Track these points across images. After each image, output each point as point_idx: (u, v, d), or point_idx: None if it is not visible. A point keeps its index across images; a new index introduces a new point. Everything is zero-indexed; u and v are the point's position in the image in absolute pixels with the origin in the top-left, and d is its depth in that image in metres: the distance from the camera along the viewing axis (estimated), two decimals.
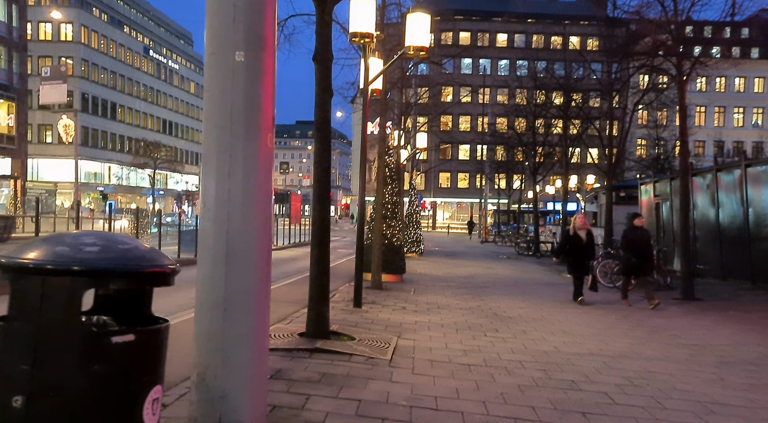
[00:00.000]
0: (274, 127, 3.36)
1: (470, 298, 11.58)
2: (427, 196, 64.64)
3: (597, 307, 10.91)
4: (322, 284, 6.13)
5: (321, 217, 6.18)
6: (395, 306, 9.68)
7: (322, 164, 6.15)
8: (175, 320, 6.16)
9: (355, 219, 19.45)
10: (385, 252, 13.71)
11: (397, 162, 20.48)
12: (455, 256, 25.08)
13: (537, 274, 18.40)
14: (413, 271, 17.19)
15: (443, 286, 13.48)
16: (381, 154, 11.97)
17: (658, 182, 19.38)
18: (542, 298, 11.99)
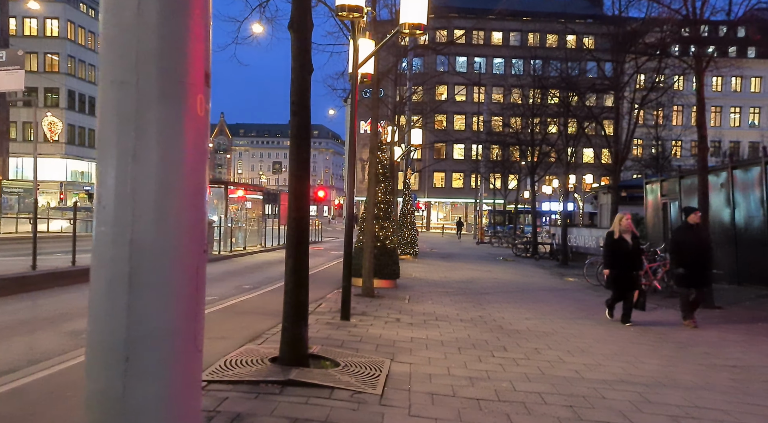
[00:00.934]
0: (209, 87, 2.28)
1: (471, 306, 10.54)
2: (421, 196, 63.64)
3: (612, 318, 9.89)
4: (298, 300, 5.08)
5: (298, 218, 5.12)
6: (388, 318, 8.62)
7: (300, 155, 5.10)
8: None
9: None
10: (378, 255, 12.66)
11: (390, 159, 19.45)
12: (451, 258, 24.06)
13: (538, 278, 17.40)
14: (408, 275, 16.14)
15: (441, 293, 12.44)
16: (373, 149, 10.92)
17: (666, 181, 18.43)
18: (549, 307, 10.96)
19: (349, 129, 8.10)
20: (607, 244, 9.19)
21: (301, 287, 5.12)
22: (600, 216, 29.85)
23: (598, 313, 10.49)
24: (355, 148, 8.13)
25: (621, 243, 8.96)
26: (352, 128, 8.08)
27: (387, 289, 12.35)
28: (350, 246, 8.11)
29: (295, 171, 5.09)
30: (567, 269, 20.98)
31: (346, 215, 8.17)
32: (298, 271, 5.10)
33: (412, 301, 10.78)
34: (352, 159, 8.00)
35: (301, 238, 5.13)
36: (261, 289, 11.88)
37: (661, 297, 12.88)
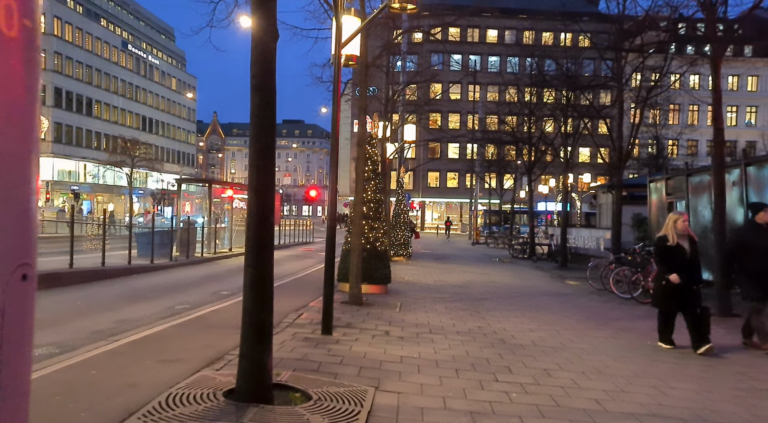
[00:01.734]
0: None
1: (468, 315, 9.59)
2: (416, 195, 62.72)
3: (622, 327, 8.96)
4: (259, 320, 4.11)
5: (260, 218, 4.15)
6: (376, 330, 7.66)
7: (262, 140, 4.13)
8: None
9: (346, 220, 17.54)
10: (367, 258, 11.70)
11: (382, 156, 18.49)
12: (446, 260, 23.12)
13: (537, 281, 16.48)
14: (400, 278, 15.20)
15: (435, 299, 11.48)
16: (361, 142, 9.95)
17: (671, 179, 17.52)
18: (553, 315, 10.02)
19: (332, 119, 7.13)
20: (660, 251, 7.43)
21: (263, 304, 4.15)
22: (599, 216, 28.94)
23: (608, 321, 9.57)
24: (337, 140, 7.18)
25: (678, 250, 7.21)
26: (334, 118, 7.12)
27: (377, 296, 11.39)
28: (332, 250, 7.15)
29: (255, 160, 4.12)
30: (567, 271, 20.08)
31: (328, 215, 7.21)
32: (259, 284, 4.14)
33: (403, 310, 9.82)
34: (335, 153, 7.04)
35: (263, 242, 4.16)
36: (239, 296, 10.87)
37: None
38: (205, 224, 19.39)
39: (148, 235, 15.80)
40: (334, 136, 7.18)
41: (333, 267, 7.15)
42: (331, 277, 7.11)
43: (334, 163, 7.10)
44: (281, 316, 8.43)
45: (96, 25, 63.70)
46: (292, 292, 11.63)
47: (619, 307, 11.64)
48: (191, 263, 16.87)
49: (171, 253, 16.23)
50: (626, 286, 13.15)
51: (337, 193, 7.13)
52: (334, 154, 6.97)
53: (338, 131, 7.13)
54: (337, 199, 7.24)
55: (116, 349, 5.80)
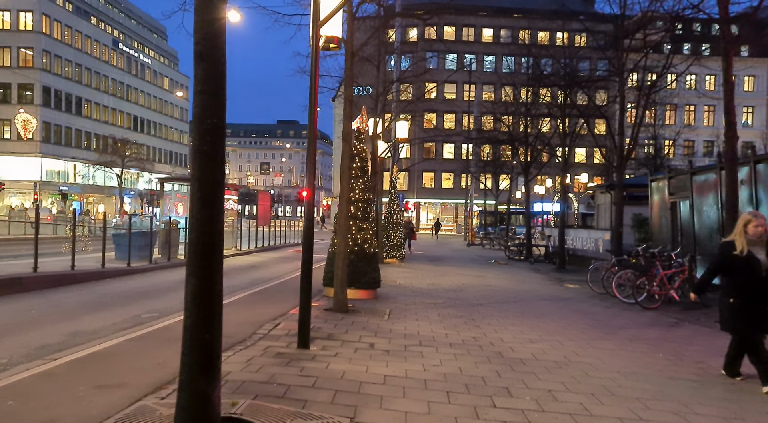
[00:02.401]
0: None
1: (462, 323, 8.83)
2: (410, 196, 61.99)
3: (630, 337, 8.21)
4: (204, 343, 3.33)
5: (204, 217, 3.37)
6: (360, 343, 6.88)
7: (207, 120, 3.35)
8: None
9: (331, 221, 16.56)
10: (355, 261, 10.94)
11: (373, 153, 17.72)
12: (440, 262, 22.36)
13: (535, 285, 15.73)
14: (391, 281, 14.43)
15: (427, 305, 10.71)
16: (347, 136, 9.17)
17: (674, 178, 16.80)
18: (554, 323, 9.26)
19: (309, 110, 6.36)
20: (723, 261, 5.87)
21: (208, 322, 3.37)
22: (597, 217, 28.17)
23: (614, 330, 8.82)
24: (315, 134, 6.39)
25: (750, 261, 5.63)
26: (311, 108, 6.36)
27: (365, 302, 10.61)
28: (309, 253, 6.37)
29: (199, 145, 3.35)
30: (565, 274, 19.37)
31: (305, 215, 6.43)
32: (203, 297, 3.35)
33: (392, 317, 9.05)
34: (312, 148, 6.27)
35: (209, 245, 3.38)
36: None
37: (680, 309, 11.26)
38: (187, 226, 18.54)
39: (125, 236, 14.97)
40: (311, 129, 6.40)
41: (310, 272, 6.38)
42: (309, 285, 6.33)
43: (312, 159, 6.34)
44: (256, 326, 7.64)
45: (86, 23, 62.71)
46: (274, 298, 10.85)
47: (623, 313, 10.90)
48: (172, 266, 16.05)
49: (150, 255, 15.41)
50: (629, 291, 12.42)
51: (315, 190, 6.37)
52: (312, 149, 6.22)
53: (316, 122, 6.36)
54: (315, 199, 6.48)
55: (52, 370, 5.01)
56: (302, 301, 6.27)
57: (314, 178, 6.38)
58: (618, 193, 16.44)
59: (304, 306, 6.26)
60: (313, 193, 6.39)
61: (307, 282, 6.32)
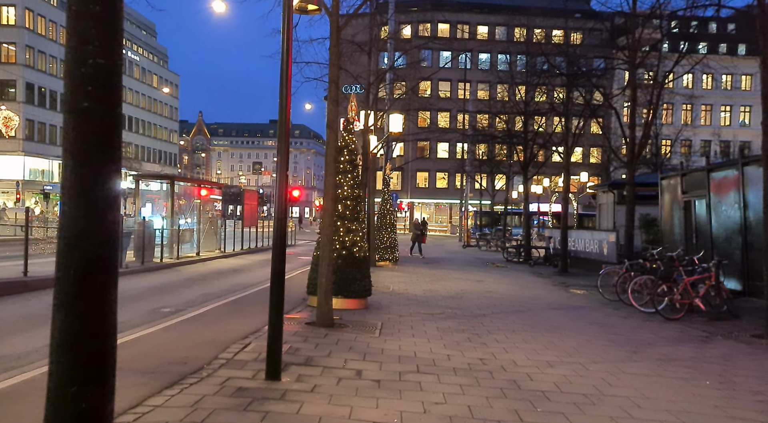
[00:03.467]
0: None
1: (465, 340, 7.61)
2: (404, 196, 60.84)
3: (662, 356, 7.01)
4: (78, 412, 2.06)
5: (84, 222, 2.11)
6: (344, 369, 5.65)
7: (87, 59, 2.11)
8: None
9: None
10: (343, 267, 9.71)
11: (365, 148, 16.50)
12: (436, 265, 21.14)
13: (539, 290, 14.54)
14: (384, 287, 13.21)
15: (424, 316, 9.48)
16: (331, 123, 7.93)
17: (688, 175, 15.65)
18: (571, 339, 8.05)
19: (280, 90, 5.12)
20: None
21: (85, 382, 2.12)
22: (599, 217, 27.05)
23: (640, 347, 7.62)
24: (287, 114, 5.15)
25: None
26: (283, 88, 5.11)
27: (354, 313, 9.37)
28: (280, 261, 5.14)
29: (74, 101, 2.11)
30: (569, 278, 18.21)
31: (276, 214, 5.19)
32: (77, 345, 2.11)
33: (385, 333, 7.81)
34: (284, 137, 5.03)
35: (92, 266, 2.13)
36: (184, 314, 8.81)
37: (706, 320, 10.08)
38: (166, 225, 17.23)
39: None
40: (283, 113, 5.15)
41: (281, 287, 5.13)
42: (280, 301, 5.09)
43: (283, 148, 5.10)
44: (221, 348, 6.38)
45: None
46: (251, 308, 9.59)
47: (644, 324, 9.71)
48: (145, 270, 14.76)
49: (121, 259, 14.10)
50: (647, 298, 11.25)
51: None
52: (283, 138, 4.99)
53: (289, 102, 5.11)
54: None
55: None
56: (272, 322, 5.02)
57: (287, 166, 5.14)
58: (629, 192, 15.30)
59: (274, 328, 5.02)
60: (285, 187, 5.16)
61: (277, 298, 5.08)
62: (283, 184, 5.13)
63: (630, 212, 15.31)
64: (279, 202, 5.12)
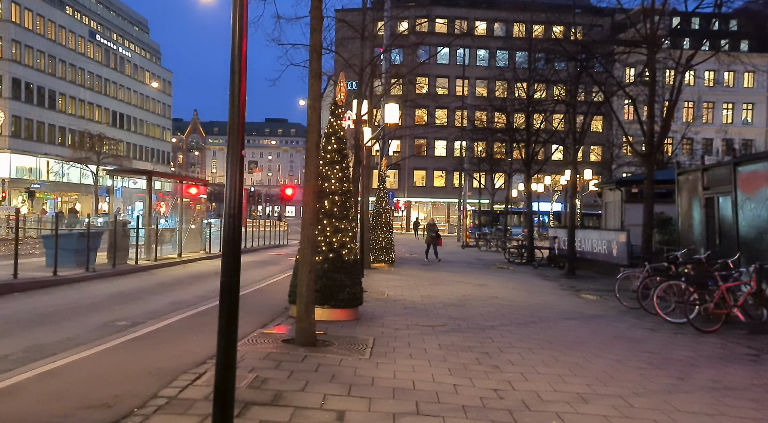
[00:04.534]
0: None
1: (474, 361, 6.31)
2: (401, 195, 59.50)
3: (715, 384, 5.72)
4: None
5: None
6: (321, 411, 4.34)
7: None
8: None
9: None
10: (330, 272, 8.40)
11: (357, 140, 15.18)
12: (435, 267, 19.83)
13: (548, 296, 13.26)
14: (378, 293, 11.91)
15: (424, 330, 8.17)
16: (314, 100, 6.60)
17: (711, 170, 14.36)
18: (600, 360, 6.75)
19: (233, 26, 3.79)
20: None
21: None
22: (605, 216, 25.78)
23: (685, 370, 6.32)
24: (242, 73, 3.82)
25: None
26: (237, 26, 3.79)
27: (342, 325, 8.06)
28: (232, 270, 3.82)
29: None
30: (577, 281, 16.95)
31: (226, 209, 3.88)
32: None
33: (377, 352, 6.50)
34: (237, 110, 3.72)
35: None
36: (140, 329, 7.46)
37: (745, 334, 8.79)
38: (143, 224, 15.87)
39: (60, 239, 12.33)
40: (236, 75, 3.82)
41: (233, 303, 3.81)
42: (230, 324, 3.76)
43: (236, 123, 3.78)
44: (166, 380, 5.03)
45: (60, 13, 59.62)
46: None
47: (676, 338, 8.42)
48: (116, 274, 13.41)
49: (88, 261, 12.75)
50: (673, 306, 9.97)
51: (239, 176, 3.81)
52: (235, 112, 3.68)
53: (244, 53, 3.80)
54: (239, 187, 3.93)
55: None
56: (221, 355, 3.70)
57: (242, 144, 3.82)
58: (648, 188, 14.05)
59: (224, 363, 3.69)
60: (239, 179, 3.84)
61: (228, 322, 3.75)
62: (236, 168, 3.81)
63: (648, 210, 14.07)
64: (231, 192, 3.81)
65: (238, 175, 3.82)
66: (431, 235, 22.69)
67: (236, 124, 3.81)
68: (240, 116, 3.81)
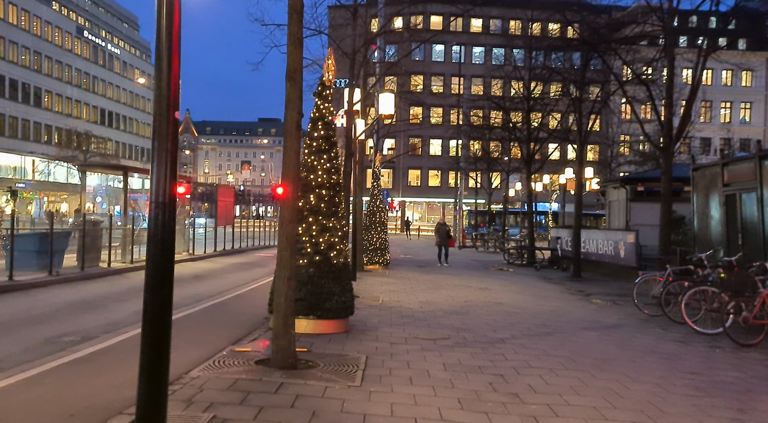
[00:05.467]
0: None
1: (488, 388, 5.17)
2: (395, 195, 58.35)
3: None
4: None
5: None
6: None
7: None
8: None
9: None
10: (316, 278, 7.26)
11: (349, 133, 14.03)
12: (432, 269, 18.67)
13: (557, 301, 12.15)
14: (372, 298, 10.77)
15: (424, 344, 7.03)
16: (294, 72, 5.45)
17: (732, 164, 13.29)
18: (634, 381, 5.63)
19: None
20: None
21: None
22: (609, 216, 24.73)
23: (742, 399, 5.21)
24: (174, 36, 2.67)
25: None
26: None
27: (330, 339, 6.91)
28: (161, 286, 2.66)
29: None
30: (584, 284, 15.87)
31: (152, 197, 2.73)
32: None
33: (370, 377, 5.35)
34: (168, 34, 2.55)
35: None
36: (86, 347, 6.26)
37: None
38: (117, 224, 14.65)
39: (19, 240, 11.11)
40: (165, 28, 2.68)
41: (164, 332, 2.66)
42: (159, 363, 2.61)
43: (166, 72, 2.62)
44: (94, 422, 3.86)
45: (46, 9, 58.14)
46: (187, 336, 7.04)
47: (714, 354, 7.31)
48: (84, 278, 12.21)
49: (51, 264, 11.54)
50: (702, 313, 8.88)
51: (165, 166, 2.65)
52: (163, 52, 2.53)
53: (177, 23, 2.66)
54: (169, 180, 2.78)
55: None
56: (143, 410, 2.52)
57: (174, 105, 2.69)
58: (666, 184, 12.95)
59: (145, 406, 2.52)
60: (171, 152, 2.69)
61: (151, 361, 2.58)
62: (164, 139, 2.67)
63: (666, 209, 12.98)
64: (160, 172, 2.67)
65: (170, 147, 2.66)
66: (440, 236, 20.44)
67: (166, 74, 2.65)
68: (172, 60, 2.65)
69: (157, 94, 2.65)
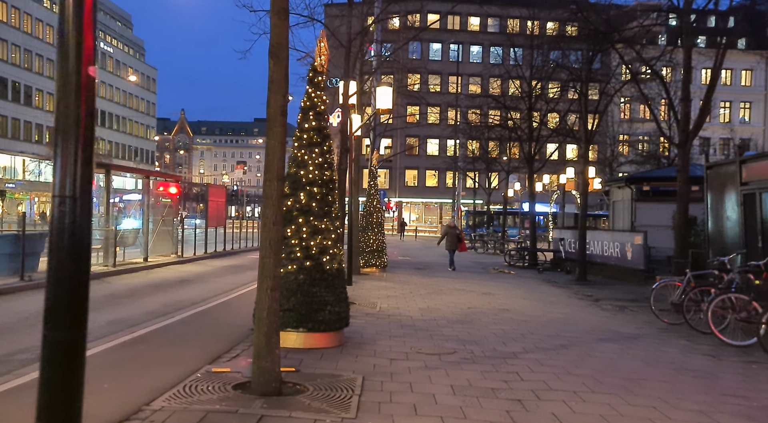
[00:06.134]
0: None
1: (505, 418, 4.39)
2: (392, 195, 57.57)
3: None
4: None
5: None
6: None
7: None
8: None
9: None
10: (306, 285, 6.48)
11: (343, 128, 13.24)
12: (431, 271, 17.87)
13: (567, 307, 11.37)
14: (369, 305, 9.97)
15: (428, 361, 6.24)
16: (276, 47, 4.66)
17: (752, 161, 12.54)
18: (673, 407, 4.86)
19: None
20: None
21: None
22: (612, 216, 23.99)
23: None
24: None
25: None
26: None
27: (322, 354, 6.11)
28: (71, 311, 1.85)
29: None
30: (590, 288, 15.12)
31: (56, 190, 1.93)
32: None
33: (366, 405, 4.56)
34: None
35: None
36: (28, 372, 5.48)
37: None
38: (99, 225, 13.83)
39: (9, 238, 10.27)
40: None
41: (77, 385, 1.85)
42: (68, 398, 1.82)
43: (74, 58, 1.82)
44: None
45: (36, 6, 57.17)
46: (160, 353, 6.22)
47: (751, 369, 6.55)
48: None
49: (23, 268, 10.70)
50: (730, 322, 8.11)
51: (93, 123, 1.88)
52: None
53: None
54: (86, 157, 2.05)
55: None
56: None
57: (89, 58, 1.92)
58: (683, 182, 12.22)
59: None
60: (85, 122, 1.90)
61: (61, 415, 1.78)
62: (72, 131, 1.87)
63: (682, 208, 12.23)
64: (65, 153, 1.89)
65: (82, 116, 1.86)
66: (449, 240, 18.59)
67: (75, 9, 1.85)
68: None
69: (60, 41, 1.84)
